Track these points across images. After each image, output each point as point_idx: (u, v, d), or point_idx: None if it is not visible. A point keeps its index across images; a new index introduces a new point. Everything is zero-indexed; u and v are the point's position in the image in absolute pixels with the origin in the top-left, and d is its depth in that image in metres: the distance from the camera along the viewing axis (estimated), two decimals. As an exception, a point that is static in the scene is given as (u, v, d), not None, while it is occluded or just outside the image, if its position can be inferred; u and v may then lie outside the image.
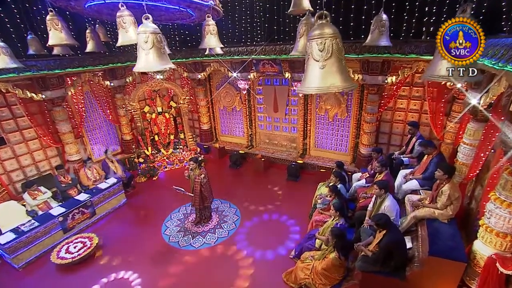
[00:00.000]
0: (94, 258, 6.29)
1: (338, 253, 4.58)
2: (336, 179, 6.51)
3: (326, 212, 6.22)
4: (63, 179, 7.62)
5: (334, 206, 5.41)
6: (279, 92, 9.64)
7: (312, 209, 6.97)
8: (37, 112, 8.36)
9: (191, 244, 6.50)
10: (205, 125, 11.47)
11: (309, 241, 5.72)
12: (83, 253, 6.11)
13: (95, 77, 9.24)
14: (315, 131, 9.47)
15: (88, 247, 6.26)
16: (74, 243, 6.43)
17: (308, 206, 7.29)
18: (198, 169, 6.73)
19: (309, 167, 9.39)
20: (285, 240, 6.47)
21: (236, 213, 7.55)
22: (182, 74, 10.87)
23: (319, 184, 7.48)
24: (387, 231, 4.15)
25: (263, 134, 10.69)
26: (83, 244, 6.37)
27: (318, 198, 6.79)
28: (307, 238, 5.88)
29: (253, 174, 9.64)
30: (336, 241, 4.61)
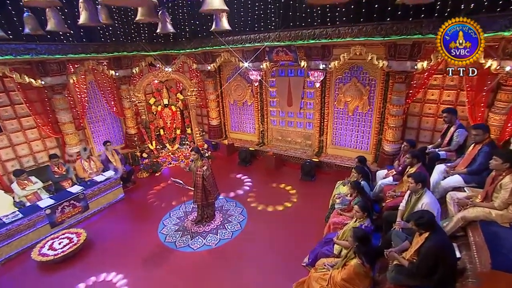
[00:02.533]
0: (79, 256, 5.51)
1: (361, 259, 3.61)
2: (358, 175, 5.54)
3: (346, 213, 5.26)
4: (57, 169, 6.95)
5: (358, 205, 4.45)
6: (293, 84, 8.78)
7: (329, 211, 6.03)
8: (37, 100, 7.81)
9: (189, 245, 5.65)
10: (214, 121, 10.70)
11: (326, 247, 4.76)
12: (68, 250, 5.35)
13: (100, 65, 8.67)
14: (332, 127, 8.51)
15: (74, 244, 5.51)
16: (59, 238, 5.69)
17: (324, 208, 6.36)
18: (200, 160, 5.92)
19: (326, 166, 8.42)
20: (298, 245, 5.52)
21: (242, 213, 6.66)
22: (191, 66, 10.20)
23: (338, 183, 6.52)
24: (430, 233, 3.17)
25: (275, 131, 9.81)
26: (69, 240, 5.62)
27: (337, 197, 5.84)
28: (324, 243, 4.93)
29: (263, 172, 8.76)
30: (358, 244, 3.65)
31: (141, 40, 9.65)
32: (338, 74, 7.91)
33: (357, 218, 4.53)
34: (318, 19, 7.02)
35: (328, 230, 5.37)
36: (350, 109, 7.98)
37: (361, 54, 6.82)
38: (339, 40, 6.74)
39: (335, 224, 5.25)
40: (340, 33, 6.67)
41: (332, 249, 4.62)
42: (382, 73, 7.18)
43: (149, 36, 9.86)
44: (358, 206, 4.47)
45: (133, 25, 9.34)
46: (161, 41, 10.12)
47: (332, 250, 4.60)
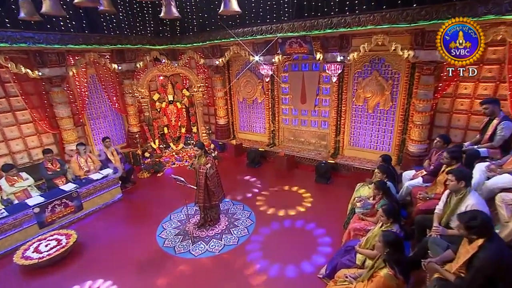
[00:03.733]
0: (67, 261, 5.06)
1: (393, 268, 3.03)
2: (382, 175, 4.97)
3: (369, 218, 4.68)
4: (50, 165, 6.56)
5: (384, 208, 3.88)
6: (308, 79, 8.28)
7: (348, 216, 5.46)
8: (33, 93, 7.50)
9: (190, 251, 5.14)
10: (222, 120, 10.26)
11: (346, 256, 4.18)
12: (54, 253, 4.89)
13: (102, 58, 8.35)
14: (350, 126, 7.95)
15: (62, 247, 5.05)
16: (47, 240, 5.24)
17: (342, 213, 5.80)
18: (204, 157, 5.45)
19: (342, 168, 7.84)
20: (312, 254, 4.96)
21: (250, 217, 6.13)
22: (198, 62, 9.84)
23: (358, 185, 5.94)
24: (485, 240, 2.58)
25: (287, 130, 9.29)
26: (57, 242, 5.17)
27: (357, 200, 5.26)
28: (343, 252, 4.35)
29: (274, 175, 8.23)
30: (389, 251, 3.08)
31: (147, 33, 9.36)
32: (357, 67, 7.39)
33: (383, 223, 3.95)
34: (335, 7, 6.55)
35: (348, 237, 4.79)
36: (370, 106, 7.42)
37: (384, 44, 6.30)
38: (359, 28, 6.25)
39: (355, 231, 4.68)
40: (360, 21, 6.18)
41: (354, 258, 4.04)
42: (407, 64, 6.63)
43: (155, 29, 9.56)
44: (382, 210, 3.89)
45: (138, 18, 9.07)
46: (167, 35, 9.82)
47: (354, 259, 4.03)
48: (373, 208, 4.74)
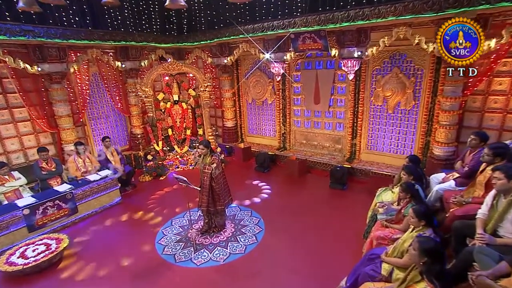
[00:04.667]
0: (55, 268, 4.67)
1: (432, 283, 2.56)
2: (409, 177, 4.49)
3: (395, 226, 4.19)
4: (45, 165, 6.24)
5: (414, 209, 3.41)
6: (322, 78, 7.90)
7: (368, 225, 4.98)
8: (32, 90, 7.30)
9: (192, 260, 4.70)
10: (230, 122, 9.92)
11: (370, 266, 3.68)
12: (41, 259, 4.50)
13: (105, 55, 8.16)
14: (368, 128, 7.50)
15: (51, 252, 4.67)
16: (36, 244, 4.86)
17: (360, 221, 5.32)
18: (209, 156, 5.06)
19: (359, 173, 7.36)
20: (330, 265, 4.47)
21: (259, 223, 5.69)
22: (206, 61, 9.59)
23: (379, 190, 5.46)
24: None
25: (299, 133, 8.88)
26: (46, 247, 4.79)
27: (379, 206, 4.78)
28: (366, 261, 3.85)
29: (284, 180, 7.80)
30: (427, 261, 2.62)
31: (152, 31, 9.18)
32: (375, 64, 6.99)
33: (414, 228, 3.47)
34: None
35: (370, 246, 4.30)
36: (390, 105, 6.98)
37: (406, 37, 5.91)
38: (379, 21, 5.91)
39: (379, 239, 4.18)
40: (380, 12, 5.85)
41: (379, 268, 3.55)
42: (432, 59, 6.20)
43: (161, 27, 9.42)
44: (412, 211, 3.42)
45: (144, 15, 8.92)
46: (174, 34, 9.64)
47: (379, 269, 3.53)
48: (399, 214, 4.26)
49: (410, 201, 4.04)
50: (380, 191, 5.40)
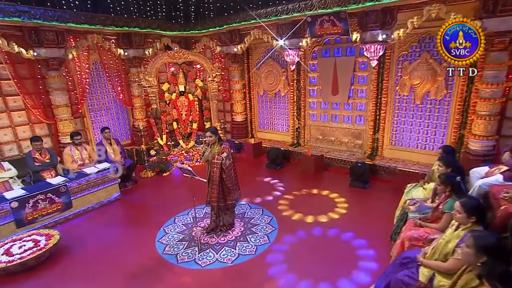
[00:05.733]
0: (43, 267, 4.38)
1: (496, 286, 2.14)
2: (446, 169, 4.08)
3: (431, 225, 3.77)
4: (38, 155, 5.99)
5: (463, 202, 2.99)
6: (341, 66, 7.52)
7: (396, 225, 4.57)
8: (28, 77, 7.08)
9: (196, 261, 4.35)
10: (239, 116, 9.60)
11: (404, 271, 3.27)
12: (28, 256, 4.21)
13: (106, 42, 7.93)
14: (392, 121, 7.08)
15: (39, 249, 4.37)
16: (23, 241, 4.58)
17: (386, 221, 4.94)
18: (218, 145, 4.72)
19: (382, 171, 6.93)
20: (352, 269, 4.08)
21: (271, 222, 5.32)
22: (214, 50, 9.30)
23: (408, 186, 5.05)
24: None
25: (315, 128, 8.49)
26: (35, 243, 4.50)
27: (410, 203, 4.38)
28: (398, 265, 3.44)
29: (299, 177, 7.44)
30: (488, 260, 2.21)
31: (157, 17, 8.96)
32: (402, 49, 6.58)
33: (460, 225, 3.05)
34: (377, -24, 5.84)
35: (401, 248, 3.88)
36: (419, 95, 6.55)
37: (439, 16, 5.48)
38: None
39: (412, 240, 3.76)
40: (409, -12, 5.45)
41: (416, 274, 3.13)
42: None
43: (166, 14, 9.20)
44: (460, 204, 2.99)
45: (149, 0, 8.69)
46: (181, 22, 9.40)
47: (416, 275, 3.12)
48: (435, 211, 3.84)
49: (451, 195, 3.62)
50: (410, 188, 5.00)
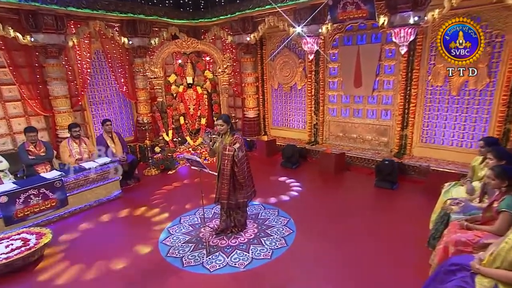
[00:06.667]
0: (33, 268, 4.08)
1: None
2: (498, 162, 3.65)
3: (483, 227, 3.35)
4: (32, 148, 5.74)
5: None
6: (365, 55, 7.14)
7: (435, 228, 4.13)
8: (25, 65, 6.91)
9: (203, 264, 4.00)
10: (251, 112, 9.29)
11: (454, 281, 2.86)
12: (14, 257, 3.91)
13: (109, 29, 7.73)
14: (423, 115, 6.65)
15: (28, 248, 4.07)
16: (11, 239, 4.30)
17: (419, 226, 4.56)
18: (230, 135, 4.38)
19: (412, 170, 6.51)
20: (386, 278, 3.66)
21: (288, 224, 4.95)
22: (225, 40, 9.06)
23: (446, 185, 4.62)
24: None
25: (334, 124, 8.11)
26: (24, 242, 4.21)
27: (452, 203, 3.96)
28: (444, 274, 3.03)
29: (317, 177, 7.09)
30: None
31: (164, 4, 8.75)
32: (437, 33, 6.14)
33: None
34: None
35: (444, 255, 3.46)
36: (455, 85, 6.11)
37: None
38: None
39: (459, 245, 3.33)
40: (447, -39, 5.07)
41: (472, 284, 2.72)
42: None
43: (174, 1, 8.99)
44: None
45: (156, -14, 8.51)
46: (189, 10, 9.19)
47: (473, 286, 2.70)
48: (487, 211, 3.41)
49: (508, 191, 3.19)
50: (449, 186, 4.57)
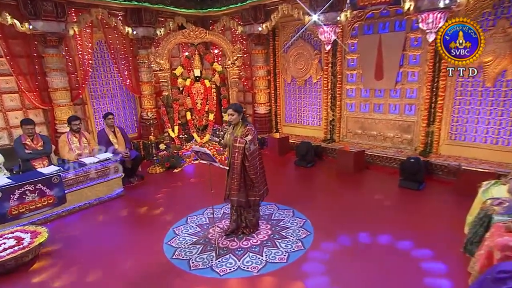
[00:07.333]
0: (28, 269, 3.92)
1: None
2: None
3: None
4: (29, 141, 5.60)
5: None
6: (387, 45, 6.88)
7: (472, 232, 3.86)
8: (22, 55, 6.82)
9: (213, 268, 3.80)
10: (262, 107, 9.12)
11: (503, 288, 2.60)
12: (7, 256, 3.76)
13: (113, 18, 7.60)
14: (452, 109, 6.36)
15: (22, 248, 3.91)
16: (3, 238, 4.15)
17: (451, 228, 4.36)
18: (242, 126, 4.19)
19: (439, 170, 6.22)
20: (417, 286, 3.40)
21: (305, 225, 4.72)
22: (235, 31, 8.91)
23: (484, 184, 4.35)
24: None
25: (353, 120, 7.86)
26: (17, 241, 4.05)
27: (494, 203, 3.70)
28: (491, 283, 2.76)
29: (334, 176, 6.91)
30: None
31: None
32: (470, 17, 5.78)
33: None
34: None
35: (487, 261, 3.21)
36: (490, 76, 5.81)
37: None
38: None
39: (506, 249, 3.07)
40: None
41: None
42: None
43: (181, -10, 8.82)
44: None
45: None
46: (197, 0, 9.05)
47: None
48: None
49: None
50: (488, 185, 4.30)
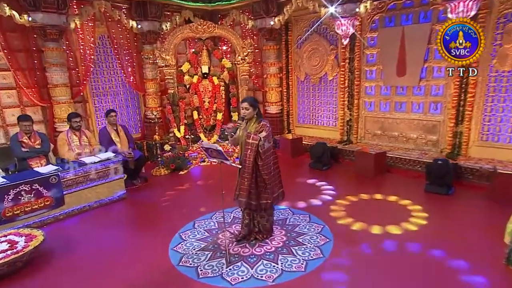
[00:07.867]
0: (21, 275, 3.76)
1: None
2: None
3: None
4: (26, 139, 5.46)
5: None
6: (411, 38, 6.66)
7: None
8: (21, 49, 6.77)
9: (223, 276, 3.59)
10: (274, 107, 8.98)
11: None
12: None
13: (116, 11, 7.53)
14: (484, 108, 6.08)
15: (15, 252, 3.75)
16: (-3, 241, 3.99)
17: (489, 238, 4.11)
18: (256, 121, 3.99)
19: (469, 174, 5.94)
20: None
21: (323, 232, 4.50)
22: (245, 26, 8.79)
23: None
24: None
25: (371, 120, 7.64)
26: (10, 245, 3.89)
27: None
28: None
29: (353, 179, 6.74)
30: None
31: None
32: (505, 6, 5.58)
33: None
34: None
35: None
36: (528, 70, 5.61)
37: None
38: None
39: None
40: None
41: None
42: None
43: (189, -17, 8.74)
44: None
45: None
46: (206, -7, 8.95)
47: None
48: None
49: None
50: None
